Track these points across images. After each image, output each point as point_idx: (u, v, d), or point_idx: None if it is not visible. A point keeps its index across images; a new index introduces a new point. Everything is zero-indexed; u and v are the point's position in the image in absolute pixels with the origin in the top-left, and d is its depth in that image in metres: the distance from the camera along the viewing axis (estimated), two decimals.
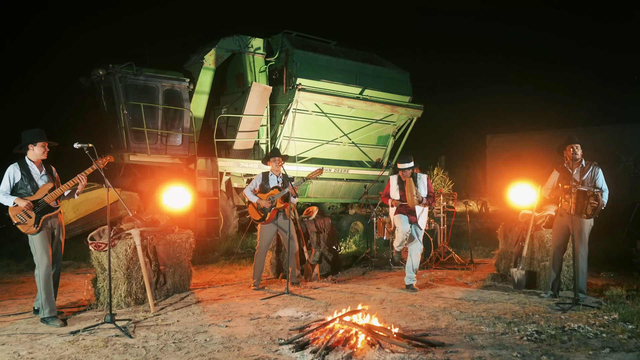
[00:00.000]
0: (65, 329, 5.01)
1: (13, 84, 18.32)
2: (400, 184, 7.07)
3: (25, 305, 5.99)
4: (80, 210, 9.59)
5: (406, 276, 6.95)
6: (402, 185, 7.03)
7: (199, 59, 11.46)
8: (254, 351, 4.39)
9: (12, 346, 4.52)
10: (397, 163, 7.21)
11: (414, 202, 6.86)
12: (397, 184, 7.11)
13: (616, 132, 19.52)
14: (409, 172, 6.97)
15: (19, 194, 5.18)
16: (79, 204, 9.45)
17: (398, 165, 7.16)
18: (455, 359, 4.19)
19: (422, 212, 7.00)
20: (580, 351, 4.38)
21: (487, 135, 25.47)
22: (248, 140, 11.58)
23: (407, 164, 6.95)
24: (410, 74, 13.41)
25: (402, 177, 7.05)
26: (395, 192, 7.12)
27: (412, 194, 6.85)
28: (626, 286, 6.61)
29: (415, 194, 6.86)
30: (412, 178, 6.93)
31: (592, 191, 6.11)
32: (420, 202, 6.89)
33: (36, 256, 5.18)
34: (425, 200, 6.94)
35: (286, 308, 5.87)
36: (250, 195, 7.05)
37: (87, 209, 9.65)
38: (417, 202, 6.87)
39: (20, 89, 18.67)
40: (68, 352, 4.36)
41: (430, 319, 5.41)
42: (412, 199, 6.86)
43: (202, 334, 4.90)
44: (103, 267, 5.92)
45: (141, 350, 4.42)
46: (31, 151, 5.30)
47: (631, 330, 4.90)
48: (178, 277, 6.60)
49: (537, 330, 4.90)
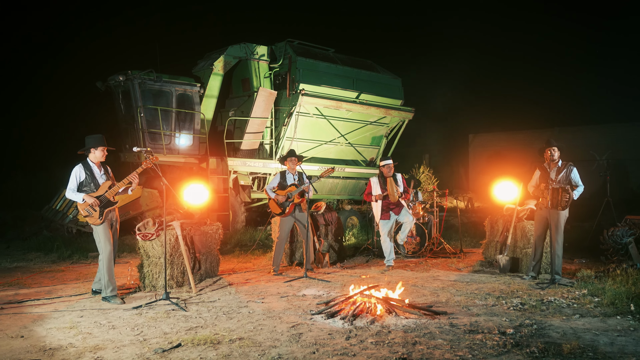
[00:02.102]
0: (126, 306, 5.91)
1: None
2: (382, 181, 8.29)
3: (79, 288, 6.85)
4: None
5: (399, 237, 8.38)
6: (383, 183, 8.21)
7: (208, 65, 12.32)
8: (292, 319, 5.35)
9: (90, 317, 5.41)
10: (380, 161, 8.41)
11: (395, 196, 8.03)
12: (378, 182, 8.31)
13: (591, 132, 20.87)
14: (393, 168, 8.16)
15: (84, 191, 6.05)
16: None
17: (381, 163, 8.36)
18: (456, 322, 5.21)
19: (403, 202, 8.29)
20: (556, 317, 5.44)
21: (470, 135, 26.73)
22: (254, 141, 12.50)
23: (389, 161, 8.32)
24: (401, 79, 14.46)
25: (385, 173, 8.21)
26: (377, 189, 8.26)
27: (394, 189, 8.04)
28: (595, 269, 7.73)
29: (396, 190, 8.06)
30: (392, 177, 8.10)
31: (563, 187, 7.19)
32: (400, 196, 8.07)
33: (100, 244, 6.06)
34: (404, 194, 8.14)
35: (308, 288, 6.84)
36: (271, 193, 7.99)
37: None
38: (398, 196, 8.06)
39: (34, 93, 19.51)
40: (140, 321, 5.27)
41: (432, 295, 6.44)
42: (394, 194, 8.04)
43: (244, 308, 5.84)
44: (148, 255, 6.81)
45: (199, 319, 5.35)
46: (92, 154, 6.16)
47: (597, 302, 5.99)
48: (209, 264, 7.52)
49: (521, 302, 5.96)
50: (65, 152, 20.48)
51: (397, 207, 8.22)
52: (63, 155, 19.98)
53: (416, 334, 4.79)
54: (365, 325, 5.05)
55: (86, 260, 9.14)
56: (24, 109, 19.78)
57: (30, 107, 19.60)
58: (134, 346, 4.49)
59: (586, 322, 5.26)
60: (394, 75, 14.40)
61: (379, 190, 8.23)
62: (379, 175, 8.35)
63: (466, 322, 5.23)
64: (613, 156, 19.82)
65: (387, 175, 8.20)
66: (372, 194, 8.32)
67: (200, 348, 4.40)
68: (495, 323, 5.17)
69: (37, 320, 5.33)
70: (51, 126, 19.63)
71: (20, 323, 5.21)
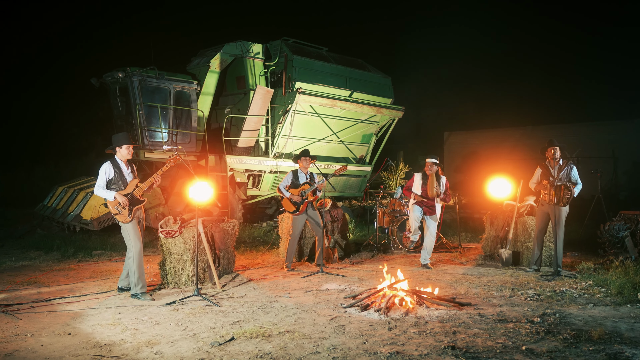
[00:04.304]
0: (158, 302, 5.98)
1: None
2: (424, 179, 8.38)
3: (100, 286, 6.86)
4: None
5: (422, 257, 8.31)
6: (425, 180, 8.35)
7: (204, 62, 12.34)
8: (327, 312, 5.55)
9: (128, 314, 5.48)
10: (427, 159, 8.53)
11: (433, 192, 8.22)
12: (421, 179, 8.42)
13: (562, 130, 21.72)
14: (435, 167, 8.31)
15: (112, 188, 6.08)
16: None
17: (427, 160, 8.49)
18: (483, 313, 5.52)
19: (438, 206, 8.33)
20: (572, 306, 5.81)
21: (445, 132, 27.36)
22: (251, 138, 12.58)
23: (434, 159, 8.43)
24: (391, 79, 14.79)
25: (427, 171, 8.35)
26: (418, 187, 8.44)
27: (432, 186, 8.22)
28: (593, 261, 8.21)
29: (435, 187, 8.24)
30: (435, 175, 8.27)
31: (565, 184, 7.62)
32: (438, 195, 8.25)
33: (130, 242, 6.10)
34: (442, 195, 8.30)
35: (328, 283, 7.04)
36: (285, 191, 8.13)
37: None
38: (436, 194, 8.23)
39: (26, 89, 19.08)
40: (180, 316, 5.38)
41: (449, 288, 6.75)
42: (432, 190, 8.22)
43: (275, 302, 6.00)
44: (170, 252, 6.88)
45: (238, 314, 5.49)
46: (119, 152, 6.19)
47: (604, 291, 6.42)
48: (226, 261, 7.63)
49: (536, 293, 6.33)
50: (44, 151, 20.08)
51: (430, 208, 8.32)
52: (42, 154, 19.58)
53: (452, 324, 5.07)
54: (400, 317, 5.29)
55: (91, 259, 9.08)
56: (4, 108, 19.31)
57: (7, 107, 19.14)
58: (187, 341, 4.60)
59: (601, 310, 5.65)
60: (385, 75, 14.70)
61: (420, 187, 8.36)
62: (422, 171, 8.53)
63: (492, 312, 5.54)
64: (582, 154, 20.77)
65: (428, 173, 8.37)
66: (412, 190, 8.46)
67: (254, 341, 4.56)
68: (520, 313, 5.50)
69: (75, 317, 5.36)
70: (31, 126, 19.20)
71: (60, 321, 5.24)
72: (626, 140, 19.84)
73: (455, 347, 4.36)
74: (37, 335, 4.77)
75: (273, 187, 13.00)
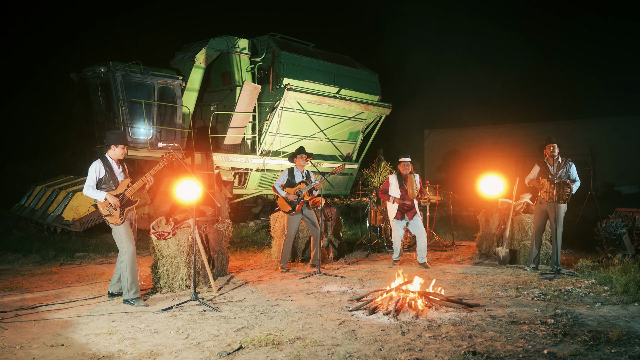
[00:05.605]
0: (153, 308, 5.66)
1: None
2: (400, 180, 8.21)
3: (88, 291, 6.48)
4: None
5: (419, 256, 8.13)
6: (402, 181, 8.18)
7: (189, 57, 11.96)
8: (334, 316, 5.32)
9: (123, 322, 5.14)
10: (400, 158, 8.36)
11: (414, 194, 8.07)
12: (397, 180, 8.25)
13: (537, 129, 21.90)
14: (410, 166, 8.16)
15: (102, 188, 5.72)
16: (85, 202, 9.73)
17: (400, 159, 8.32)
18: (494, 314, 5.36)
19: (416, 203, 8.27)
20: (580, 306, 5.71)
21: (425, 130, 27.40)
22: (237, 136, 12.26)
23: (407, 158, 8.26)
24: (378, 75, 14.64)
25: (403, 170, 8.19)
26: (396, 189, 8.25)
27: (413, 187, 8.06)
28: (590, 258, 8.16)
29: (415, 188, 8.07)
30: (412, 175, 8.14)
31: (565, 182, 7.55)
32: (417, 195, 8.12)
33: (122, 245, 5.76)
34: (420, 194, 8.18)
35: (328, 285, 6.81)
36: (280, 190, 7.86)
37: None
38: (416, 195, 8.09)
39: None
40: (179, 323, 5.07)
41: (453, 288, 6.59)
42: (413, 192, 8.06)
43: (277, 306, 5.74)
44: (162, 254, 6.55)
45: (241, 320, 5.21)
46: (112, 151, 5.84)
47: (608, 290, 6.35)
48: (220, 262, 7.33)
49: (542, 293, 6.22)
50: (16, 150, 19.30)
51: (411, 211, 8.18)
52: (14, 153, 18.83)
53: (466, 327, 4.90)
54: (411, 320, 5.10)
55: (74, 261, 8.66)
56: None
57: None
58: (192, 350, 4.31)
59: (610, 309, 5.55)
60: (372, 72, 14.54)
61: (398, 190, 8.20)
62: (397, 173, 8.34)
63: (502, 313, 5.40)
64: (562, 152, 21.04)
65: (404, 172, 8.20)
66: (389, 194, 8.30)
67: (264, 349, 4.30)
68: (530, 314, 5.37)
69: (66, 326, 5.01)
70: (7, 123, 18.46)
71: (50, 330, 4.88)
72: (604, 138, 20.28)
73: (476, 353, 4.18)
74: (26, 347, 4.42)
75: (259, 186, 12.71)
